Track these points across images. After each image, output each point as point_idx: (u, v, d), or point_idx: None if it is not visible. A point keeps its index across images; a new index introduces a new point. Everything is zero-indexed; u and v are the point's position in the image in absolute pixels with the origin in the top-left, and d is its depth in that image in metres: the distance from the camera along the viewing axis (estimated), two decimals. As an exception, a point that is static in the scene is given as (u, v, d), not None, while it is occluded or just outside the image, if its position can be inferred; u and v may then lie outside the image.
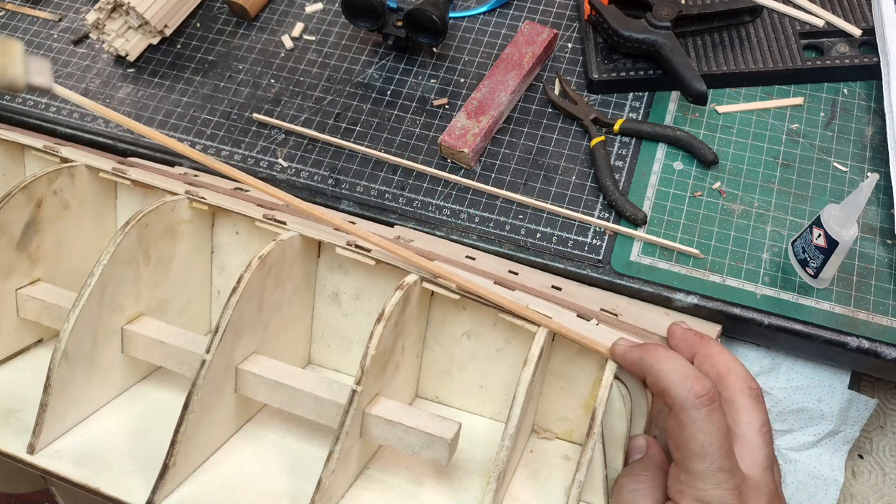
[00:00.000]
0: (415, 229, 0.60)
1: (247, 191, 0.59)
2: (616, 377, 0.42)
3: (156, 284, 0.52)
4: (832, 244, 0.51)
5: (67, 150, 0.56)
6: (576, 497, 0.40)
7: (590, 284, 0.57)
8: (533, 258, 0.58)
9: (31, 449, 0.46)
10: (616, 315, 0.49)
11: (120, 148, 0.67)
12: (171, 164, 0.65)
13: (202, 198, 0.52)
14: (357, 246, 0.48)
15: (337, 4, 0.75)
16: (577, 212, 0.60)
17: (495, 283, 0.48)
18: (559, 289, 0.52)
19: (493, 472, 0.40)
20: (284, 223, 0.50)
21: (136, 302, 0.50)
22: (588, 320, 0.46)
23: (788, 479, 0.58)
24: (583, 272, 0.57)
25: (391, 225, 0.60)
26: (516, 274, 0.52)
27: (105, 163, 0.55)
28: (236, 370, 0.46)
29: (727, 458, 0.36)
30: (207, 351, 0.43)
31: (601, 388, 0.41)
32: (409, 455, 0.46)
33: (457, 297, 0.46)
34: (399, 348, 0.46)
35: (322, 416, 0.45)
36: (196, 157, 0.49)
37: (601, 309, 0.50)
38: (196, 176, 0.61)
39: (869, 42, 0.65)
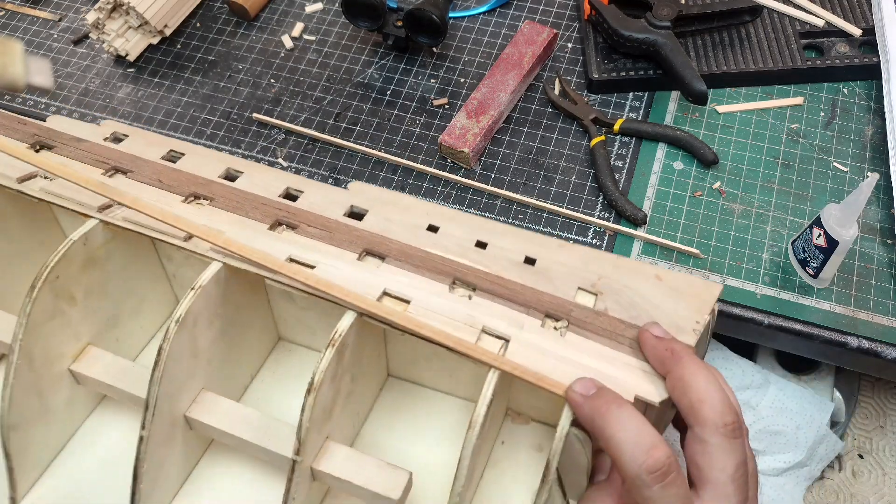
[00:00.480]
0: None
1: (181, 154, 0.55)
2: (573, 424, 0.38)
3: (94, 312, 0.48)
4: (832, 244, 0.51)
5: None
6: None
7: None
8: (533, 258, 0.58)
9: (13, 503, 0.45)
10: (596, 295, 0.45)
11: (120, 148, 0.67)
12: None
13: (125, 208, 0.47)
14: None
15: (337, 4, 0.75)
16: (577, 211, 0.60)
17: (453, 282, 0.45)
18: (533, 262, 0.47)
19: None
20: (210, 242, 0.45)
21: (76, 339, 0.47)
22: (558, 320, 0.43)
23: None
24: (583, 272, 0.57)
25: (346, 185, 0.55)
26: (485, 247, 0.47)
27: (15, 152, 0.49)
28: (185, 417, 0.45)
29: None
30: (143, 427, 0.41)
31: (556, 438, 0.37)
32: None
33: (401, 333, 0.43)
34: (346, 380, 0.44)
35: (275, 462, 0.44)
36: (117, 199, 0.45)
37: (579, 288, 0.45)
38: (121, 140, 0.55)
39: (869, 42, 0.65)
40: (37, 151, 0.54)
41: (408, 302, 0.44)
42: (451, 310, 0.43)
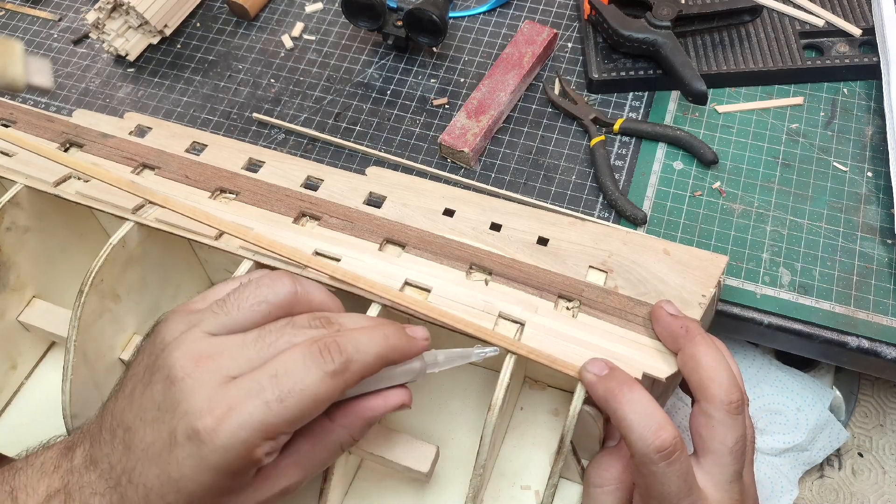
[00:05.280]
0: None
1: (204, 145, 0.57)
2: (586, 402, 0.41)
3: (136, 304, 0.50)
4: None
5: (7, 147, 0.53)
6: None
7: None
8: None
9: None
10: (606, 273, 0.47)
11: (120, 148, 0.67)
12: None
13: (157, 206, 0.49)
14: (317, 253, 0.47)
15: (337, 4, 0.75)
16: (577, 211, 0.60)
17: (470, 268, 0.46)
18: (546, 242, 0.49)
19: (468, 493, 0.41)
20: (241, 239, 0.47)
21: (123, 331, 0.50)
22: (570, 301, 0.45)
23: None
24: (583, 272, 0.57)
25: (363, 171, 0.57)
26: (499, 229, 0.49)
27: (51, 155, 0.52)
28: None
29: (687, 496, 0.37)
30: None
31: (569, 416, 0.40)
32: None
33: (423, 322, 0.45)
34: None
35: None
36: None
37: (590, 266, 0.47)
38: (145, 133, 0.58)
39: (869, 42, 0.65)
40: (66, 150, 0.56)
41: (428, 290, 0.46)
42: (469, 297, 0.45)
